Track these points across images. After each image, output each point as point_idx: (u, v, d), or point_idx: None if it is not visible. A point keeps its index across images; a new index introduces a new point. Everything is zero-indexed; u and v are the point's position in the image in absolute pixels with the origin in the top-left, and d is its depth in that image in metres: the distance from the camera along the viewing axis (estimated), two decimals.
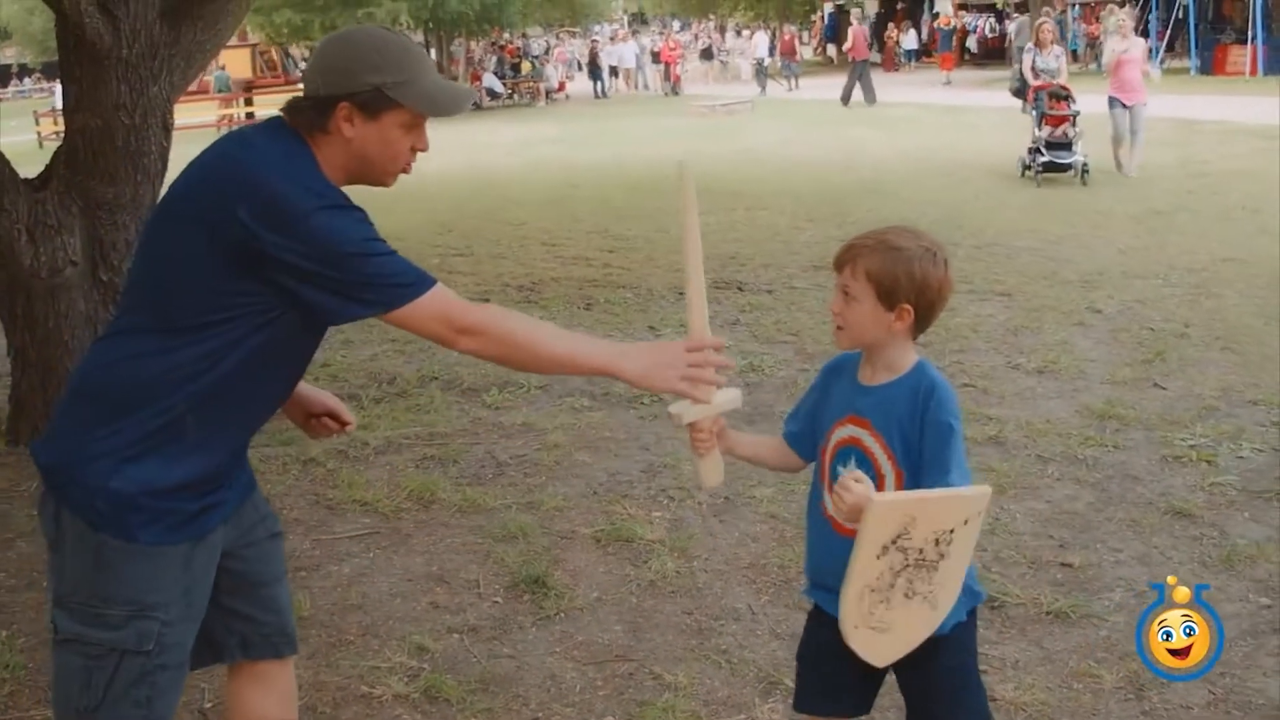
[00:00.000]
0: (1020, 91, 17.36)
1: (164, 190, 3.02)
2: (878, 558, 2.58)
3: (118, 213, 6.59)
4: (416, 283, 2.62)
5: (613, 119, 32.61)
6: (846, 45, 34.72)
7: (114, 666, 2.69)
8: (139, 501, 2.63)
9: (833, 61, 51.42)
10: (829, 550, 2.82)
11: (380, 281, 2.60)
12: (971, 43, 42.98)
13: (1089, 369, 7.61)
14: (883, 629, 2.63)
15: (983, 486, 2.73)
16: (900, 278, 2.72)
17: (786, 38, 41.49)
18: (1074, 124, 15.65)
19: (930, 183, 16.16)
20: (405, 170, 2.80)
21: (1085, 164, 15.41)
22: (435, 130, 2.83)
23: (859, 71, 31.92)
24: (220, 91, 39.36)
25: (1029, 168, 15.88)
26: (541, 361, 2.84)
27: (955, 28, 41.77)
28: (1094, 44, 35.99)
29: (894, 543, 2.58)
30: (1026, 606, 4.59)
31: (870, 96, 31.37)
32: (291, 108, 2.70)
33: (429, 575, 5.08)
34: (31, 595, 4.96)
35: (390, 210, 16.10)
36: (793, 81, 38.78)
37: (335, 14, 38.73)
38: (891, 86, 36.73)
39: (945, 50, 41.09)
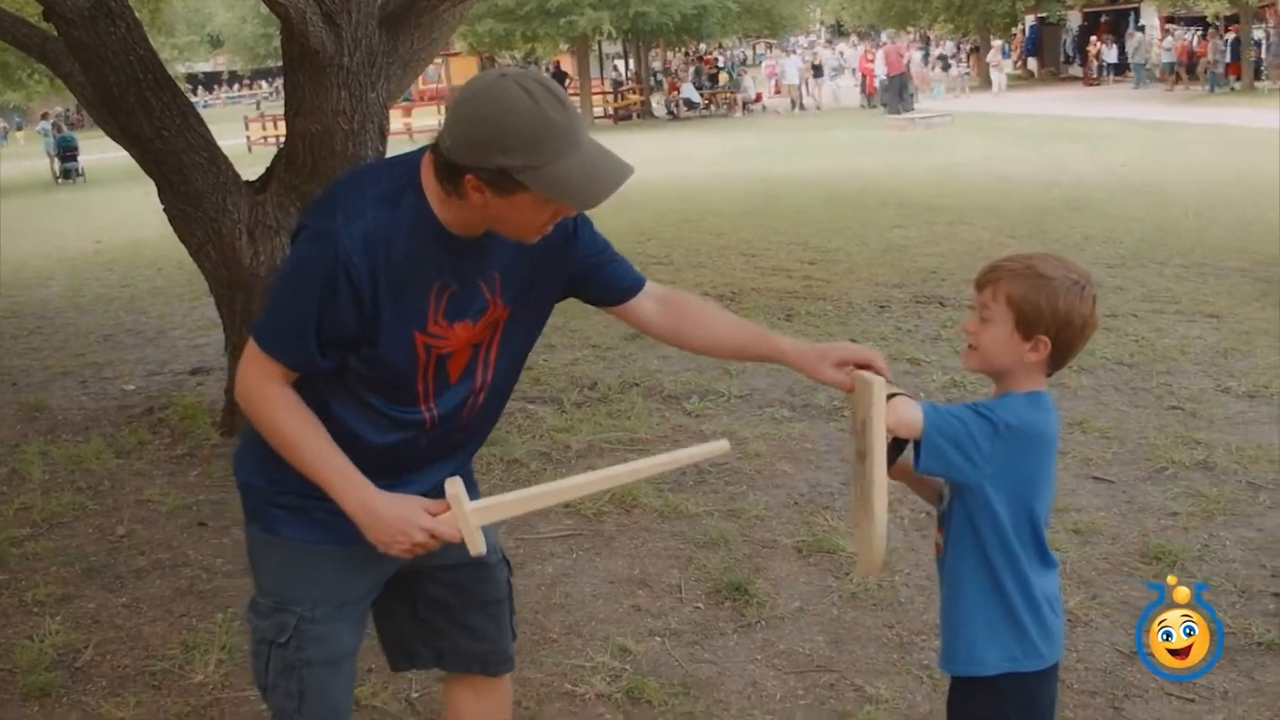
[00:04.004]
0: None
1: None
2: (855, 432, 2.64)
3: None
4: (261, 328, 2.56)
5: (810, 131, 32.53)
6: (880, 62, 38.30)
7: (267, 654, 2.79)
8: (277, 498, 2.70)
9: (1034, 75, 50.58)
10: None
11: (264, 307, 2.60)
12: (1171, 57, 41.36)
13: None
14: (858, 525, 2.67)
15: (874, 381, 2.52)
16: (1043, 308, 2.57)
17: (893, 55, 37.98)
18: None
19: (1136, 200, 15.79)
20: (545, 230, 2.53)
21: None
22: (633, 140, 2.79)
23: (898, 84, 35.85)
24: None
25: None
26: (280, 448, 2.59)
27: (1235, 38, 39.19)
28: None
29: (860, 420, 2.61)
30: (1237, 636, 4.48)
31: (901, 107, 35.15)
32: (433, 151, 2.44)
33: (631, 578, 5.15)
34: (247, 580, 5.08)
35: (592, 216, 16.34)
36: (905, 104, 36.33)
37: (537, 24, 39.18)
38: (1093, 102, 36.06)
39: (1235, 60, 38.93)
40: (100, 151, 27.48)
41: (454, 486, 2.57)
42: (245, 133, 38.56)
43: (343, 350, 2.52)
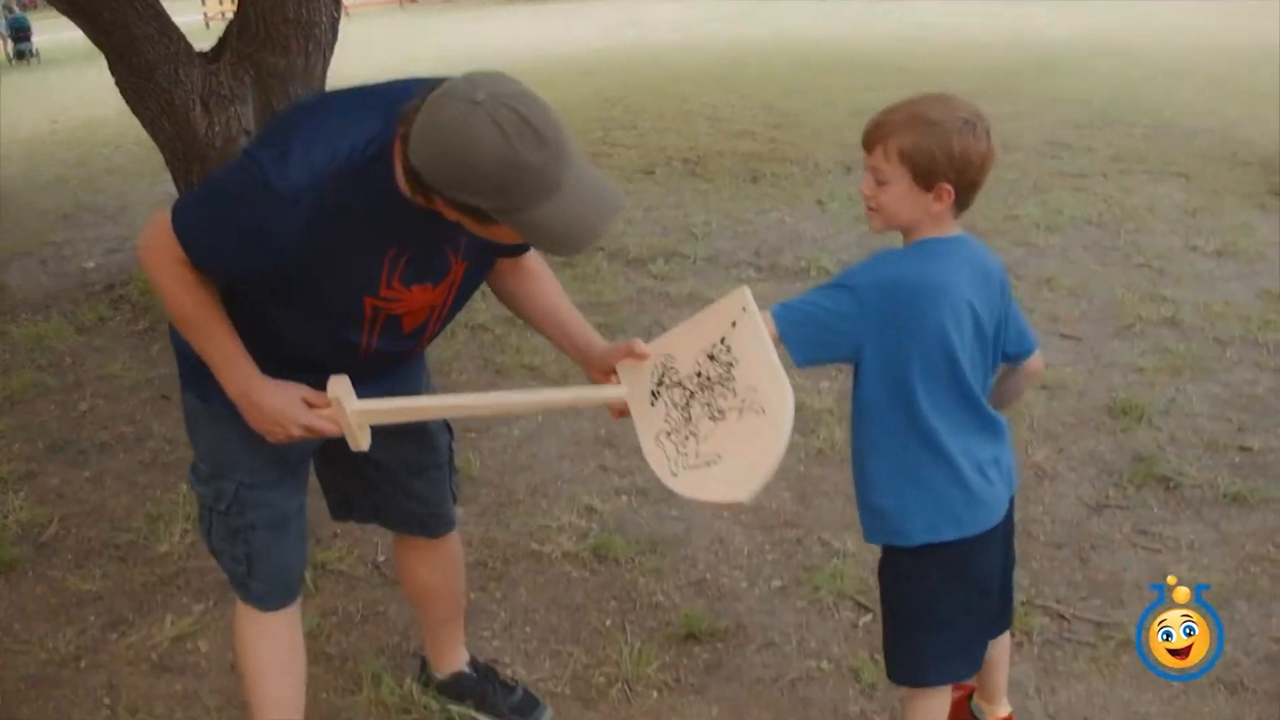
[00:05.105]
0: None
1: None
2: (651, 405, 2.53)
3: (289, 82, 6.66)
4: (182, 214, 2.34)
5: None
6: None
7: (210, 519, 2.77)
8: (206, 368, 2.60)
9: None
10: None
11: (193, 193, 2.39)
12: None
13: (1270, 252, 7.37)
14: (712, 461, 2.40)
15: (738, 289, 2.48)
16: (938, 155, 2.39)
17: None
18: None
19: (1105, 61, 15.67)
20: None
21: None
22: (600, 7, 2.60)
23: None
24: None
25: None
26: (173, 319, 2.51)
27: None
28: None
29: (660, 385, 2.53)
30: (1203, 489, 4.49)
31: None
32: (402, 146, 2.18)
33: (597, 439, 5.12)
34: None
35: (554, 84, 16.24)
36: None
37: None
38: None
39: None
40: (54, 32, 26.98)
41: (336, 388, 2.48)
42: (202, 8, 37.86)
43: (265, 285, 2.37)
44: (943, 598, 2.63)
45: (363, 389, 2.54)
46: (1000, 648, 2.97)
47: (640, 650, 3.63)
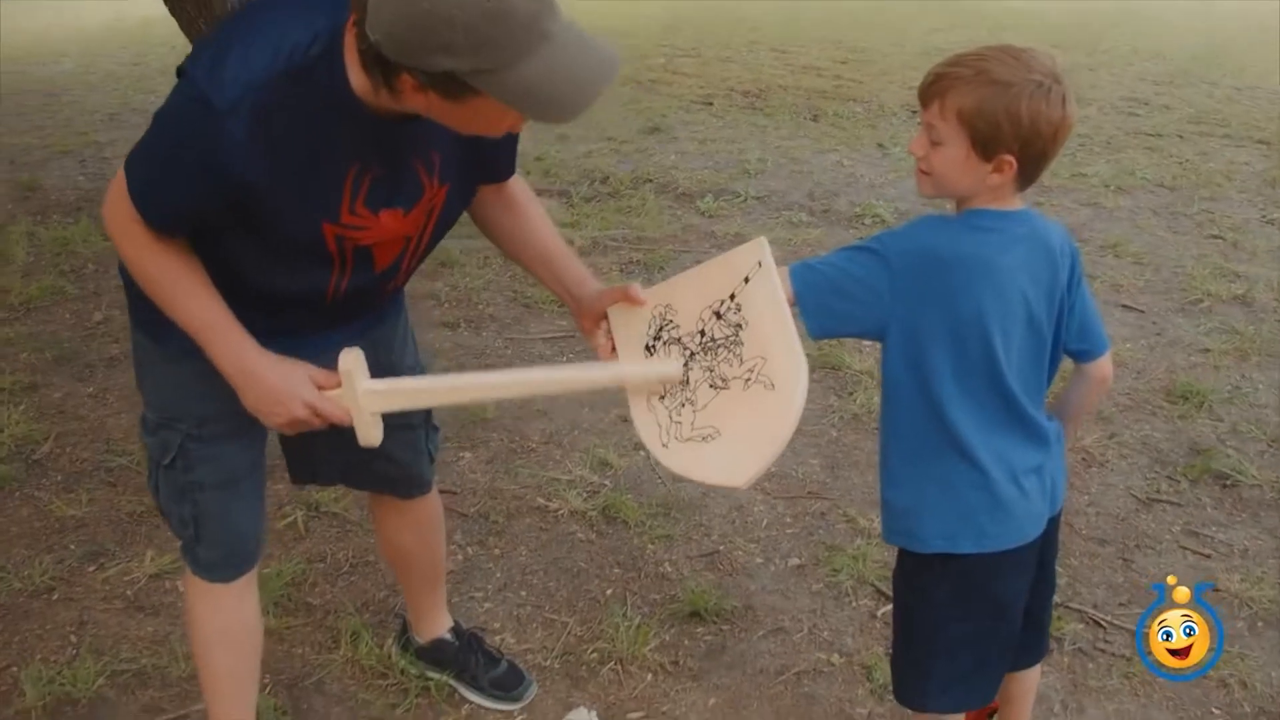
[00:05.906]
0: None
1: None
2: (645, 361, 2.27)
3: None
4: (132, 170, 2.06)
5: None
6: None
7: (156, 477, 2.51)
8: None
9: None
10: None
11: (139, 147, 2.06)
12: None
13: None
14: (709, 436, 2.15)
15: (755, 239, 2.21)
16: (1002, 122, 2.06)
17: None
18: None
19: (1191, 11, 15.20)
20: (516, 129, 2.08)
21: None
22: None
23: None
24: None
25: None
26: (146, 290, 2.20)
27: None
28: None
29: (657, 339, 2.27)
30: (1263, 489, 4.19)
31: None
32: (357, 29, 1.86)
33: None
34: None
35: (618, 9, 15.87)
36: None
37: None
38: None
39: None
40: None
41: (348, 360, 2.19)
42: None
43: (223, 227, 2.09)
44: (952, 617, 2.33)
45: (335, 336, 2.29)
46: (1025, 684, 2.68)
47: (639, 626, 3.39)
